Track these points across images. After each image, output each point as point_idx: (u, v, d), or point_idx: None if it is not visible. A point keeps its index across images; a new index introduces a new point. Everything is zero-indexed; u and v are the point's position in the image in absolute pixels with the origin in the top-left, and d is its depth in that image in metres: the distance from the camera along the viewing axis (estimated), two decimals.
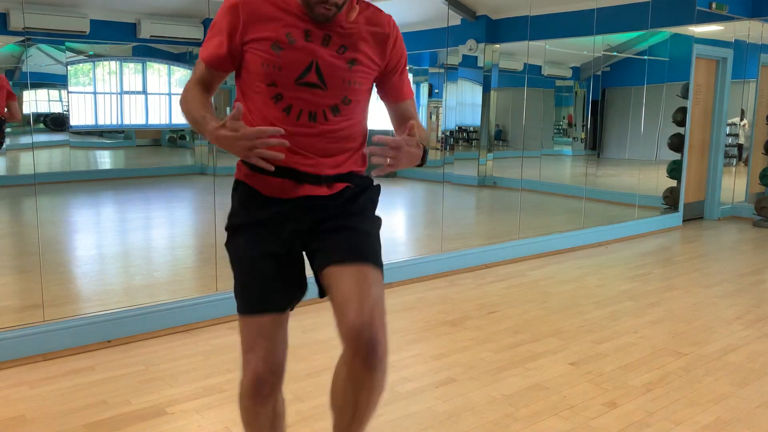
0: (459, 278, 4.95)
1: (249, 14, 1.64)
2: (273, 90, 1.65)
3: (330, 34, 1.67)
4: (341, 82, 1.68)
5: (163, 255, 5.09)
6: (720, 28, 7.69)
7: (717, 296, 4.62)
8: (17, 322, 3.27)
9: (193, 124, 1.65)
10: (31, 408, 2.72)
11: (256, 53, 1.64)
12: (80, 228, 5.40)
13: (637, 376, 3.17)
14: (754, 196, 7.99)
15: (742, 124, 8.48)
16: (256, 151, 1.49)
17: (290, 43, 1.63)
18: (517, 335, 3.71)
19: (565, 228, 6.28)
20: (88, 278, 4.54)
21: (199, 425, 2.60)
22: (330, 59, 1.66)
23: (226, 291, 3.83)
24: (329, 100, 1.68)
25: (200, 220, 6.27)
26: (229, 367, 3.15)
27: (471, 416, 2.71)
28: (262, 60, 1.64)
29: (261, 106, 1.67)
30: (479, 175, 9.30)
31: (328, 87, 1.67)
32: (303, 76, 1.64)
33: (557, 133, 9.57)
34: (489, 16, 8.98)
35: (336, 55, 1.67)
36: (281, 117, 1.65)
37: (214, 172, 4.97)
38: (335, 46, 1.68)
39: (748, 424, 2.70)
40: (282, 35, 1.63)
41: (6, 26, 4.56)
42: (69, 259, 4.93)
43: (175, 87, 6.84)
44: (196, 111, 1.64)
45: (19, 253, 4.80)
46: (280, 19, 1.64)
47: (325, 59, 1.66)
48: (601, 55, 7.96)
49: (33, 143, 4.71)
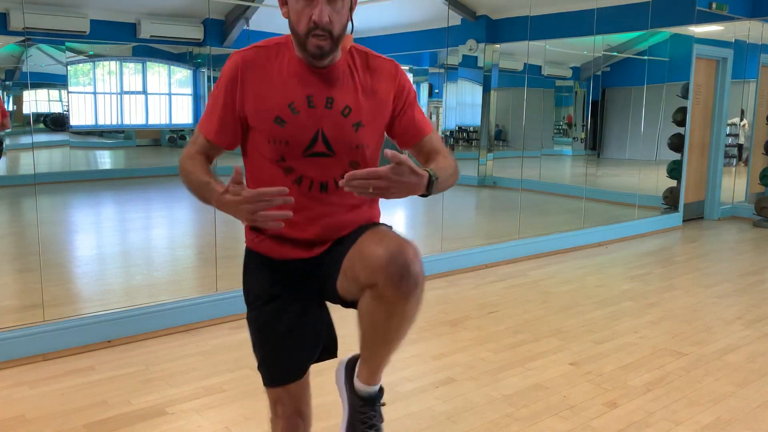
0: (459, 278, 4.96)
1: (248, 80, 1.58)
2: (282, 164, 1.59)
3: (332, 96, 1.59)
4: (348, 147, 1.61)
5: (163, 255, 5.09)
6: (720, 28, 7.69)
7: (717, 296, 4.62)
8: (17, 322, 3.27)
9: (197, 192, 1.57)
10: (31, 408, 2.72)
11: (260, 129, 1.58)
12: (80, 228, 5.40)
13: (637, 376, 3.17)
14: (754, 196, 7.99)
15: (742, 124, 8.49)
16: (259, 215, 1.41)
17: (294, 114, 1.56)
18: (517, 335, 3.71)
19: (565, 228, 6.28)
20: (88, 278, 4.54)
21: (199, 425, 2.60)
22: (335, 123, 1.59)
23: (226, 291, 3.83)
24: (338, 168, 1.60)
25: (200, 220, 6.27)
26: (229, 367, 3.15)
27: (471, 416, 2.71)
28: (267, 137, 1.58)
29: (270, 179, 1.59)
30: (479, 175, 9.31)
31: (336, 153, 1.60)
32: (310, 147, 1.58)
33: (557, 133, 9.58)
34: (489, 16, 8.98)
35: (340, 117, 1.59)
36: (293, 188, 1.57)
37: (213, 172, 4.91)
38: (339, 107, 1.59)
39: (748, 424, 2.70)
40: (285, 107, 1.56)
41: (6, 26, 4.56)
42: (69, 259, 4.93)
43: (175, 87, 6.84)
44: (197, 178, 1.57)
45: (19, 253, 4.80)
46: (280, 86, 1.57)
47: (330, 124, 1.58)
48: (601, 55, 7.97)
49: (33, 143, 4.71)
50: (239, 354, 3.29)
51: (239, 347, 3.36)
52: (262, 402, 2.82)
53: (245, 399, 2.83)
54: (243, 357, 3.28)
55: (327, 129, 1.58)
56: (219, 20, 6.71)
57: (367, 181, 1.41)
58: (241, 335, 3.59)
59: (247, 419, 2.65)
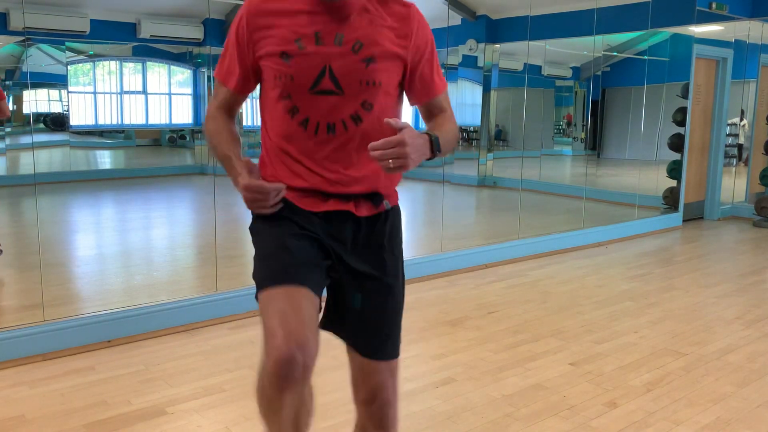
0: (459, 278, 4.96)
1: (255, 28, 1.58)
2: (288, 103, 1.57)
3: (342, 32, 1.55)
4: (359, 84, 1.56)
5: (163, 255, 5.09)
6: (720, 28, 7.69)
7: (717, 296, 4.62)
8: (17, 322, 3.27)
9: (220, 161, 1.65)
10: (31, 408, 2.72)
11: (269, 67, 1.58)
12: (80, 228, 5.40)
13: (637, 376, 3.17)
14: (754, 196, 7.99)
15: (742, 124, 8.48)
16: (254, 205, 1.56)
17: (300, 49, 1.54)
18: (516, 335, 3.71)
19: (565, 228, 6.28)
20: (88, 278, 4.54)
21: (199, 425, 2.60)
22: (344, 60, 1.55)
23: (226, 291, 3.83)
24: (348, 109, 1.57)
25: (200, 220, 6.27)
26: (229, 367, 3.15)
27: (471, 416, 2.71)
28: (274, 73, 1.57)
29: (279, 122, 1.60)
30: (479, 175, 9.31)
31: (345, 92, 1.55)
32: (317, 84, 1.55)
33: (557, 133, 9.58)
34: (489, 16, 8.98)
35: (350, 53, 1.55)
36: (299, 132, 1.58)
37: (213, 172, 4.95)
38: (349, 43, 1.55)
39: (748, 424, 2.70)
40: (291, 43, 1.54)
41: (6, 26, 4.56)
42: (69, 259, 4.93)
43: (175, 87, 6.84)
44: (222, 148, 1.64)
45: (19, 252, 4.80)
46: (287, 25, 1.55)
47: (339, 61, 1.54)
48: (601, 55, 7.96)
49: (33, 143, 4.71)
50: (239, 354, 3.30)
51: (239, 347, 3.36)
52: None
53: (245, 399, 2.83)
54: (243, 357, 3.28)
55: (335, 65, 1.55)
56: (219, 20, 6.71)
57: (385, 151, 1.42)
58: (241, 335, 3.60)
59: (247, 419, 2.65)
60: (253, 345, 3.45)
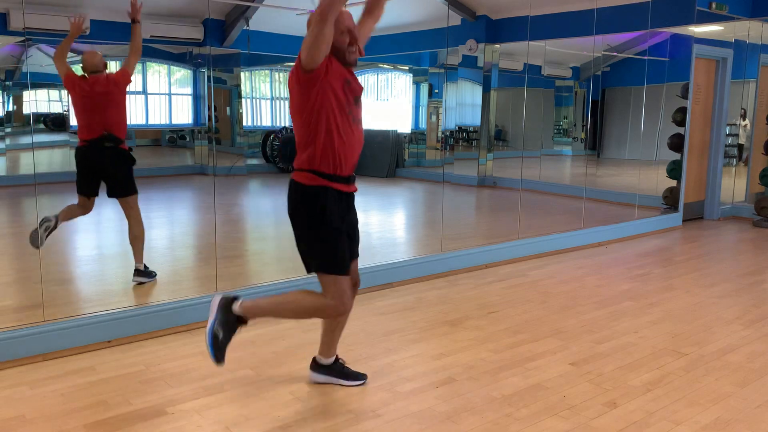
0: (459, 278, 4.96)
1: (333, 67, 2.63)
2: (349, 106, 2.64)
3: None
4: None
5: (163, 255, 5.09)
6: (720, 28, 7.69)
7: (717, 296, 4.62)
8: (17, 322, 3.27)
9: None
10: (31, 408, 2.72)
11: (335, 87, 2.58)
12: (80, 228, 5.40)
13: (637, 376, 3.17)
14: (754, 196, 7.99)
15: (743, 124, 8.48)
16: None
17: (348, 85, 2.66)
18: (516, 335, 3.71)
19: (565, 228, 6.28)
20: (88, 278, 4.54)
21: (199, 425, 2.60)
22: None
23: (227, 291, 3.83)
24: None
25: (200, 220, 6.28)
26: (229, 367, 3.15)
27: (471, 416, 2.71)
28: (341, 93, 2.61)
29: (341, 125, 2.61)
30: (479, 175, 9.31)
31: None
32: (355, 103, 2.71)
33: (557, 133, 9.58)
34: (489, 16, 8.99)
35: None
36: (356, 129, 2.68)
37: (213, 172, 4.98)
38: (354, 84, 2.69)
39: (748, 424, 2.70)
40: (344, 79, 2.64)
41: (6, 26, 4.56)
42: (69, 259, 4.93)
43: (175, 87, 6.84)
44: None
45: (19, 253, 4.80)
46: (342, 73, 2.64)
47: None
48: (601, 55, 7.97)
49: (33, 143, 4.71)
50: (239, 354, 3.29)
51: (239, 347, 3.36)
52: (262, 402, 2.83)
53: (245, 399, 2.83)
54: (243, 357, 3.28)
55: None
56: (219, 20, 6.71)
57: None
58: (241, 335, 3.59)
59: (247, 419, 2.65)
60: (254, 345, 3.45)
